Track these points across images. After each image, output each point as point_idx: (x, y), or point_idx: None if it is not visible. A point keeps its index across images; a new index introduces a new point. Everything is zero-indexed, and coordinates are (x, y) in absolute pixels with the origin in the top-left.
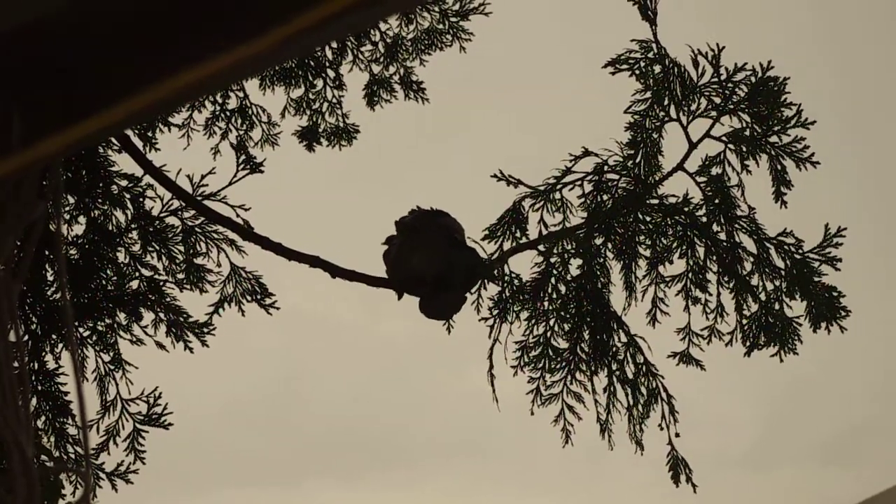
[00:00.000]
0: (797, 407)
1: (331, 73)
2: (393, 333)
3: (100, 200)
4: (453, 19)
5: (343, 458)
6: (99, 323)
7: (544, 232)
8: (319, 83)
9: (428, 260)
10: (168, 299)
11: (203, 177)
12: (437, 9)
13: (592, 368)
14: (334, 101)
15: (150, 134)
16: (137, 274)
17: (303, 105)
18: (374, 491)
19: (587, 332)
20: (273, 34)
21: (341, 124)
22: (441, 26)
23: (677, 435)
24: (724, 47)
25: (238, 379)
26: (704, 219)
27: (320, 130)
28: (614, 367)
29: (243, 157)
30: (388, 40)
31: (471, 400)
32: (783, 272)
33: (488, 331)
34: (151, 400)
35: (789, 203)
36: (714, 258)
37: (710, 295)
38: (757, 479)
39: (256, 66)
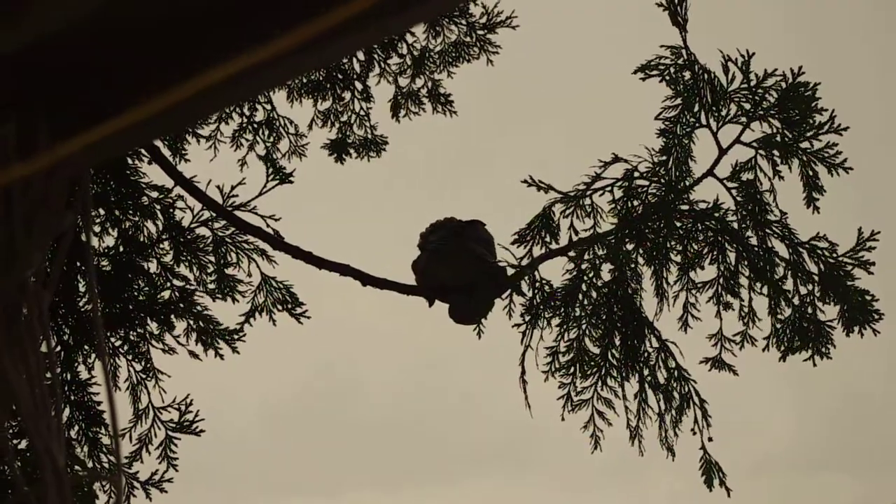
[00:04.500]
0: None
1: (358, 86)
2: (430, 341)
3: (131, 212)
4: (480, 32)
5: (382, 467)
6: (131, 333)
7: (574, 238)
8: (347, 95)
9: (456, 269)
10: (199, 308)
11: (233, 188)
12: (464, 22)
13: (623, 374)
14: (362, 112)
15: (179, 145)
16: (169, 284)
17: (330, 117)
18: (414, 499)
19: (618, 337)
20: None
21: (370, 136)
22: (468, 39)
23: (710, 439)
24: (754, 53)
25: (276, 389)
26: (735, 224)
27: (349, 142)
28: (646, 372)
29: (272, 167)
30: (416, 52)
31: (509, 407)
32: (815, 276)
33: (520, 337)
34: (183, 407)
35: (821, 206)
36: (745, 263)
37: (742, 300)
38: (792, 486)
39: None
